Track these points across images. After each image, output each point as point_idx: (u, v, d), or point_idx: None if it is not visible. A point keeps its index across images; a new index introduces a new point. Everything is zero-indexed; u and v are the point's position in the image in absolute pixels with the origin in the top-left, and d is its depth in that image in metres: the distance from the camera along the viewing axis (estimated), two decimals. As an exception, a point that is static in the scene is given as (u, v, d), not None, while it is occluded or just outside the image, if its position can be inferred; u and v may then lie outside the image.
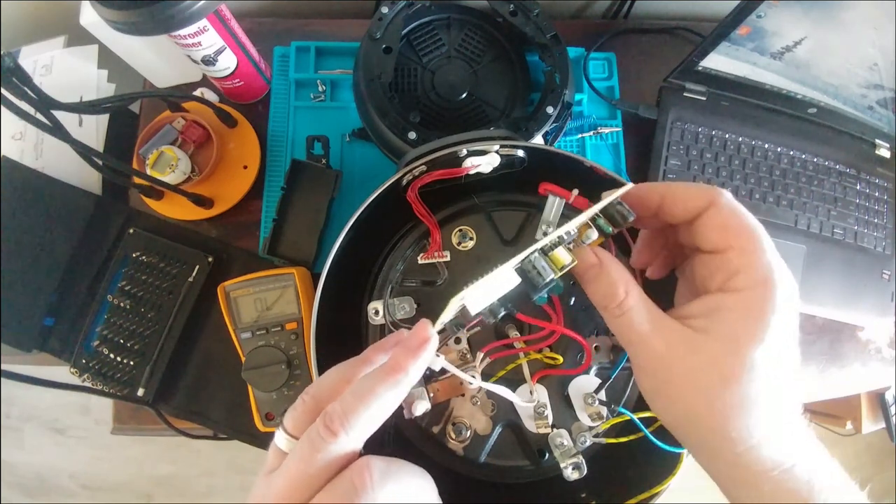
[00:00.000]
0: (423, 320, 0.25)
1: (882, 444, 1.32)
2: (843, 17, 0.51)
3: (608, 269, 0.25)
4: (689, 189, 0.25)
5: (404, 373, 0.23)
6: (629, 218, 0.26)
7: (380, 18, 0.51)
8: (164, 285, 0.52)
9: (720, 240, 0.24)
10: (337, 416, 0.22)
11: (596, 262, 0.25)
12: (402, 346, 0.24)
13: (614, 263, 0.25)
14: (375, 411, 0.22)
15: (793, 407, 0.23)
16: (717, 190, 0.25)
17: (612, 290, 0.25)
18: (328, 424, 0.22)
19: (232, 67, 0.53)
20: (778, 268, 0.23)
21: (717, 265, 0.24)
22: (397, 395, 0.23)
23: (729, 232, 0.24)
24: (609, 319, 0.25)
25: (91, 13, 0.49)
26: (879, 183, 0.64)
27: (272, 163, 0.57)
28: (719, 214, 0.24)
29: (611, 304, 0.25)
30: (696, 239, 0.25)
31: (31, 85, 0.37)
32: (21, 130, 0.59)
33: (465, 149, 0.37)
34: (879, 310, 0.60)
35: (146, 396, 0.50)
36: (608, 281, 0.25)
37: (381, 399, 0.23)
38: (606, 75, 0.64)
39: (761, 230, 0.24)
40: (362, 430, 0.22)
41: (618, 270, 0.25)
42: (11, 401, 1.31)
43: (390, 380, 0.23)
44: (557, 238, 0.26)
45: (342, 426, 0.21)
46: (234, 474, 1.30)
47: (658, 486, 0.34)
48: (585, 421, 0.37)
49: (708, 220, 0.25)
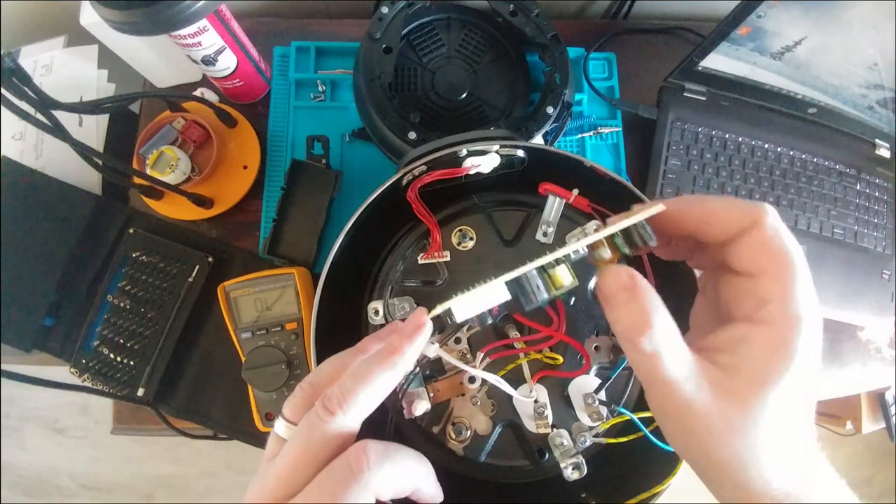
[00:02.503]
0: (419, 308, 0.26)
1: (882, 444, 1.32)
2: (843, 17, 0.51)
3: (641, 295, 0.22)
4: (732, 205, 0.23)
5: (399, 354, 0.24)
6: (649, 243, 0.23)
7: (380, 18, 0.51)
8: (164, 285, 0.52)
9: (756, 263, 0.22)
10: (335, 396, 0.22)
11: (628, 285, 0.22)
12: (398, 332, 0.25)
13: (648, 288, 0.22)
14: (372, 392, 0.23)
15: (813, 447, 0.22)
16: (764, 207, 0.22)
17: (642, 321, 0.21)
18: (326, 405, 0.22)
19: (232, 67, 0.53)
20: (811, 303, 0.21)
21: (747, 290, 0.22)
22: (393, 376, 0.24)
23: (767, 255, 0.22)
24: (631, 351, 0.22)
25: (91, 13, 0.49)
26: (879, 183, 0.64)
27: (272, 163, 0.57)
28: (761, 235, 0.22)
29: (638, 338, 0.21)
30: (729, 257, 0.23)
31: (31, 85, 0.37)
32: (21, 130, 0.59)
33: (465, 149, 0.37)
34: (879, 310, 0.60)
35: (146, 396, 0.50)
36: (639, 309, 0.22)
37: (378, 380, 0.23)
38: (606, 75, 0.64)
39: (801, 257, 0.22)
40: (360, 411, 0.23)
41: (652, 297, 0.22)
42: (11, 401, 1.31)
43: (386, 362, 0.24)
44: (563, 256, 0.24)
45: (340, 406, 0.22)
46: (234, 474, 1.30)
47: (658, 486, 0.34)
48: (585, 421, 0.37)
49: (748, 239, 0.22)
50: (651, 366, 0.22)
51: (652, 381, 0.22)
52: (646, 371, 0.22)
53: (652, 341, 0.21)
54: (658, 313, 0.22)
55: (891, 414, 0.99)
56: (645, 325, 0.21)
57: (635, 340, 0.22)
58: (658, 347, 0.21)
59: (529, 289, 0.24)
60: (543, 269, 0.24)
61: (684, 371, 0.22)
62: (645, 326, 0.21)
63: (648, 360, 0.22)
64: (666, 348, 0.21)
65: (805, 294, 0.22)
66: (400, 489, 0.23)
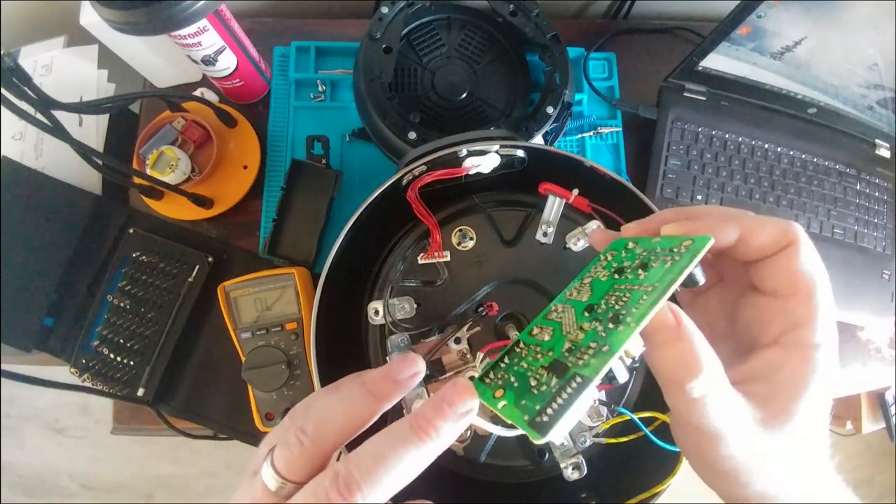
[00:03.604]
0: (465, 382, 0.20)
1: (882, 444, 1.32)
2: (843, 17, 0.51)
3: (689, 334, 0.20)
4: (770, 224, 0.22)
5: (436, 434, 0.19)
6: (699, 283, 0.21)
7: (380, 18, 0.51)
8: (164, 285, 0.52)
9: (789, 284, 0.21)
10: (355, 483, 0.18)
11: (673, 324, 0.20)
12: (435, 402, 0.20)
13: (695, 328, 0.20)
14: (398, 477, 0.19)
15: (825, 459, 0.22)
16: (798, 229, 0.22)
17: (692, 363, 0.19)
18: (342, 492, 0.18)
19: (232, 67, 0.53)
20: (834, 325, 0.21)
21: (775, 311, 0.22)
22: (425, 459, 0.19)
23: (802, 278, 0.21)
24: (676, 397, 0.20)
25: (91, 13, 0.49)
26: (879, 183, 0.64)
27: (272, 163, 0.57)
28: (797, 257, 0.21)
29: (687, 381, 0.19)
30: (756, 277, 0.23)
31: (31, 85, 0.37)
32: (21, 130, 0.59)
33: (465, 149, 0.37)
34: (879, 310, 0.60)
35: (146, 396, 0.50)
36: (688, 349, 0.19)
37: (406, 463, 0.19)
38: (606, 75, 0.64)
39: (828, 281, 0.22)
40: (381, 498, 0.19)
41: (700, 338, 0.20)
42: (11, 401, 1.31)
43: (418, 441, 0.19)
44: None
45: (360, 491, 0.18)
46: (234, 474, 1.30)
47: (658, 486, 0.34)
48: (585, 421, 0.37)
49: (782, 260, 0.22)
50: (697, 414, 0.20)
51: (693, 430, 0.21)
52: (688, 419, 0.20)
53: (702, 387, 0.19)
54: (708, 355, 0.20)
55: (891, 414, 0.99)
56: (695, 367, 0.19)
57: (684, 385, 0.19)
58: (707, 393, 0.20)
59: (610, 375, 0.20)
60: None
61: (732, 421, 0.20)
62: (695, 369, 0.19)
63: (694, 408, 0.20)
64: (713, 393, 0.20)
65: (831, 315, 0.21)
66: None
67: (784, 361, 0.21)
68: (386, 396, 0.21)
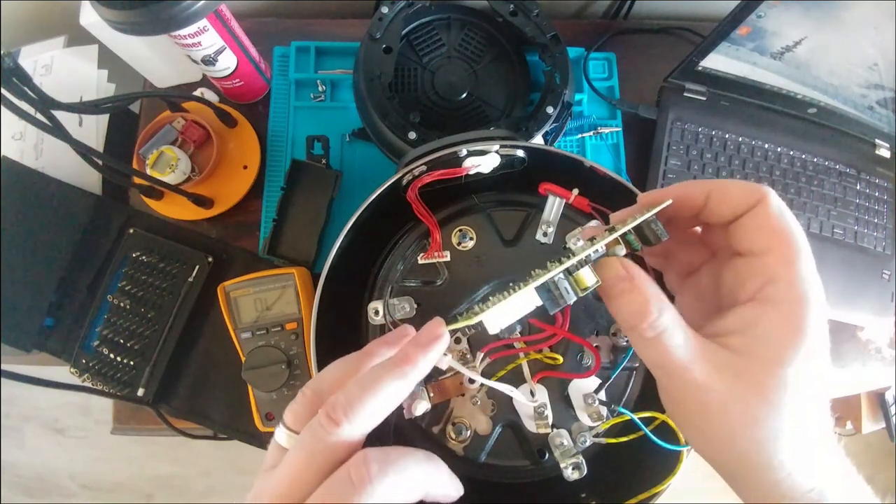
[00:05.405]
0: (436, 318, 0.24)
1: (882, 444, 1.32)
2: (843, 17, 0.51)
3: (639, 283, 0.22)
4: (738, 185, 0.23)
5: (412, 365, 0.22)
6: (662, 238, 0.23)
7: (380, 18, 0.51)
8: (164, 285, 0.52)
9: (762, 241, 0.22)
10: (340, 405, 0.21)
11: (625, 276, 0.22)
12: (413, 341, 0.23)
13: (645, 277, 0.23)
14: (380, 402, 0.21)
15: (827, 427, 0.22)
16: (766, 188, 0.23)
17: (643, 308, 0.22)
18: (330, 414, 0.21)
19: (232, 67, 0.53)
20: (816, 281, 0.22)
21: (752, 270, 0.23)
22: (404, 387, 0.22)
23: (773, 234, 0.22)
24: (637, 341, 0.23)
25: (91, 13, 0.49)
26: (879, 183, 0.64)
27: (272, 163, 0.57)
28: (767, 213, 0.22)
29: (641, 324, 0.22)
30: (733, 239, 0.24)
31: (31, 85, 0.37)
32: (21, 130, 0.59)
33: (465, 149, 0.37)
34: (879, 310, 0.60)
35: (146, 396, 0.50)
36: (639, 298, 0.22)
37: (387, 390, 0.22)
38: (606, 75, 0.64)
39: (804, 238, 0.22)
40: (366, 421, 0.21)
41: (650, 285, 0.22)
42: (11, 401, 1.31)
43: (398, 371, 0.22)
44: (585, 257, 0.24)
45: (345, 415, 0.20)
46: (234, 474, 1.30)
47: (658, 486, 0.34)
48: (585, 421, 0.37)
49: (752, 218, 0.23)
50: (657, 351, 0.22)
51: (660, 368, 0.22)
52: (653, 358, 0.22)
53: (654, 326, 0.21)
54: (658, 298, 0.22)
55: (891, 414, 0.99)
56: (646, 310, 0.21)
57: (638, 328, 0.22)
58: (662, 331, 0.21)
59: (557, 293, 0.23)
60: (568, 271, 0.23)
61: (692, 352, 0.21)
62: (646, 312, 0.21)
63: (654, 346, 0.22)
64: (670, 331, 0.21)
65: (810, 272, 0.22)
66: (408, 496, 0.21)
67: (760, 316, 0.22)
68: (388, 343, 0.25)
